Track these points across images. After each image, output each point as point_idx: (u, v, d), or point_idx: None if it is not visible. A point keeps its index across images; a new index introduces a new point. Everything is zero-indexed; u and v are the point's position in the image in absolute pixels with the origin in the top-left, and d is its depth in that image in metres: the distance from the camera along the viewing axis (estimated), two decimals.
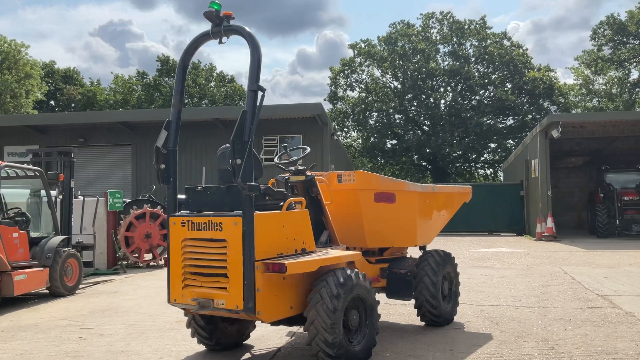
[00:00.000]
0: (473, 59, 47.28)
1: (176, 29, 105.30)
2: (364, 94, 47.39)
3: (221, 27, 4.87)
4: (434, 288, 6.33)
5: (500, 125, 46.35)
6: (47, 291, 9.28)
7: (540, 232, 21.35)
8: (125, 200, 13.95)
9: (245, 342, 5.87)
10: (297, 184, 5.70)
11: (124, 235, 13.01)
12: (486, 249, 17.34)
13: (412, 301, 6.46)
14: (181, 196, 15.19)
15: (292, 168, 5.85)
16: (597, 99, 47.64)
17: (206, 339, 5.45)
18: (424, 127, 46.73)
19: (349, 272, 4.94)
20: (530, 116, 45.37)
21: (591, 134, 23.60)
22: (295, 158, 5.94)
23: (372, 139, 46.23)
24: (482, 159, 48.43)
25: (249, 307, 4.48)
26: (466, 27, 47.81)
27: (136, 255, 13.38)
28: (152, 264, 13.57)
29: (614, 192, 22.34)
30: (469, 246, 18.19)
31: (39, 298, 9.21)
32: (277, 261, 4.60)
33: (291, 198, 5.13)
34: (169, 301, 5.00)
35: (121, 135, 24.86)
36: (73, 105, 53.12)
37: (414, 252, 6.95)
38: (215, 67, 60.40)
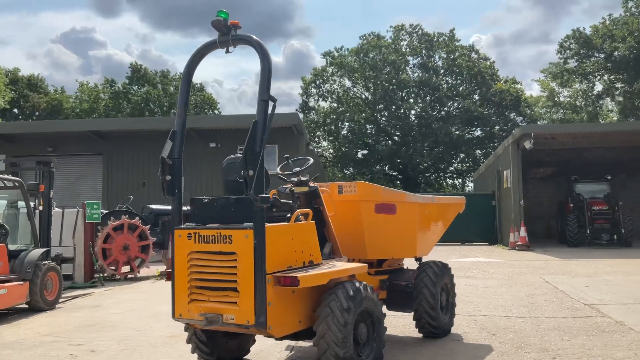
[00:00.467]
0: (442, 70, 48.00)
1: (140, 37, 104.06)
2: (335, 104, 47.58)
3: (229, 36, 4.78)
4: (433, 299, 6.32)
5: (468, 136, 47.10)
6: (26, 306, 8.95)
7: (513, 241, 21.66)
8: (101, 211, 13.61)
9: (246, 357, 5.75)
10: (301, 195, 5.62)
11: (101, 247, 12.68)
12: (463, 258, 17.49)
13: (409, 312, 6.43)
14: (165, 207, 14.71)
15: (295, 179, 5.77)
16: (562, 111, 48.83)
17: (208, 354, 5.30)
18: (395, 137, 47.12)
19: (357, 284, 4.88)
20: (497, 127, 46.23)
21: (561, 145, 24.11)
22: (298, 169, 5.86)
23: (343, 148, 46.38)
24: (451, 169, 49.07)
25: (261, 322, 4.38)
26: (435, 39, 48.55)
27: (113, 267, 13.06)
28: (129, 276, 13.24)
29: (584, 202, 22.84)
30: (445, 256, 18.28)
31: (17, 313, 8.87)
32: (289, 274, 4.51)
33: (298, 210, 5.05)
34: (173, 316, 4.85)
35: (92, 145, 24.33)
36: (37, 113, 51.86)
37: (407, 263, 6.95)
38: None
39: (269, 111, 4.55)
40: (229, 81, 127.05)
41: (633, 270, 13.22)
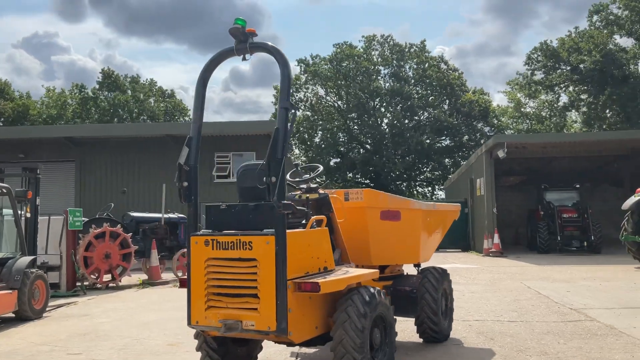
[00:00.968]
0: (412, 80, 48.71)
1: (105, 43, 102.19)
2: (308, 113, 47.74)
3: (246, 44, 4.82)
4: (435, 305, 6.43)
5: (437, 146, 47.84)
6: (13, 315, 8.74)
7: (487, 248, 22.07)
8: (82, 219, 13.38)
9: None
10: (311, 201, 5.67)
11: (82, 255, 12.47)
12: (441, 265, 17.68)
13: (413, 317, 6.53)
14: (146, 214, 14.60)
15: (304, 186, 5.82)
16: (528, 121, 50.01)
17: None
18: (367, 145, 47.52)
19: (372, 290, 4.95)
20: (466, 137, 47.08)
21: (531, 154, 24.71)
22: (307, 176, 5.91)
23: (316, 156, 46.53)
24: (421, 177, 49.71)
25: (282, 328, 4.40)
26: (406, 50, 49.25)
27: (95, 276, 12.85)
28: (111, 285, 13.04)
29: (554, 210, 23.42)
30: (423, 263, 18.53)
31: (4, 322, 8.67)
32: (309, 280, 4.55)
33: (314, 216, 5.10)
34: (189, 324, 4.84)
35: (64, 151, 23.87)
36: (2, 119, 50.55)
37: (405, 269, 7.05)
38: (155, 82, 58.96)
39: (290, 118, 4.58)
40: (194, 88, 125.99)
41: (609, 276, 13.62)
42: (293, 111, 4.60)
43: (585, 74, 38.01)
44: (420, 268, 6.98)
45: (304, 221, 5.06)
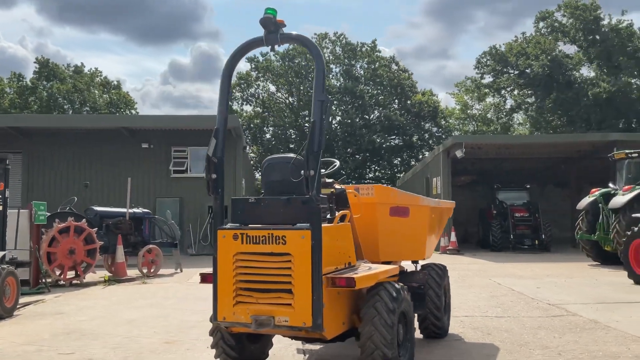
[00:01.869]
0: (363, 79, 49.15)
1: (37, 31, 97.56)
2: (259, 109, 47.38)
3: (277, 34, 4.71)
4: (438, 301, 6.51)
5: (386, 145, 48.48)
6: None
7: (444, 245, 22.53)
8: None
9: None
10: (328, 196, 5.60)
11: (46, 250, 11.89)
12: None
13: (420, 313, 6.56)
14: (110, 209, 14.14)
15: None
16: (473, 123, 51.46)
17: (235, 359, 5.15)
18: None
19: (397, 286, 4.95)
20: (416, 137, 47.94)
21: (486, 154, 25.40)
22: (324, 171, 5.83)
23: (266, 152, 46.24)
24: (370, 176, 50.25)
25: (318, 324, 4.34)
26: (358, 49, 49.63)
27: (58, 272, 12.30)
28: (74, 282, 12.50)
29: (507, 209, 24.18)
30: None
31: None
32: (343, 275, 4.50)
33: (343, 211, 5.04)
34: (216, 319, 4.68)
35: (10, 142, 22.68)
36: None
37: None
38: (100, 72, 57.00)
39: (325, 111, 4.50)
40: (131, 80, 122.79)
41: (569, 273, 14.16)
42: (328, 104, 4.53)
43: (532, 78, 39.43)
44: (417, 264, 7.03)
45: (328, 216, 5.00)
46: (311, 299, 4.33)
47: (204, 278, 4.91)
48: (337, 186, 5.67)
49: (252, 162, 48.21)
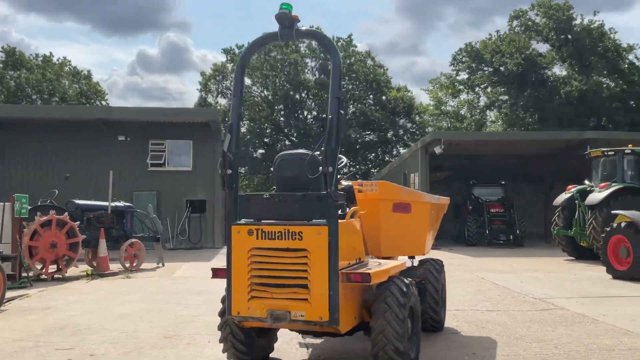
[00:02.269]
0: None
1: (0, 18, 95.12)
2: None
3: (292, 30, 4.71)
4: (437, 295, 6.62)
5: (361, 140, 48.69)
6: None
7: None
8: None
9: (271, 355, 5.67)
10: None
11: (27, 244, 11.67)
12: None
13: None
14: (91, 202, 13.91)
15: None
16: (447, 119, 52.05)
17: (244, 353, 5.16)
18: (293, 138, 47.57)
19: (406, 281, 5.02)
20: (391, 133, 48.28)
21: (463, 151, 25.73)
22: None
23: (241, 146, 46.02)
24: (346, 171, 50.45)
25: (334, 319, 4.38)
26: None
27: (40, 266, 12.08)
28: (56, 276, 12.30)
29: (483, 205, 24.59)
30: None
31: None
32: (357, 271, 4.56)
33: (354, 207, 5.09)
34: (229, 314, 4.68)
35: None
36: None
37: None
38: (69, 61, 55.81)
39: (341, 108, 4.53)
40: (98, 71, 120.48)
41: (547, 267, 14.50)
42: (344, 100, 4.56)
43: (506, 76, 40.06)
44: (413, 259, 7.12)
45: (340, 212, 5.03)
46: (328, 294, 4.37)
47: (216, 273, 4.91)
48: (344, 182, 5.72)
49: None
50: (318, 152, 4.56)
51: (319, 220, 4.49)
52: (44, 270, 12.10)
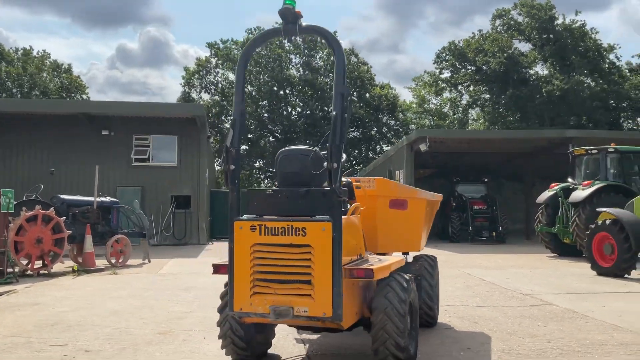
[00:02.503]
0: (323, 71, 49.20)
1: None
2: (217, 97, 46.78)
3: (296, 25, 4.70)
4: (432, 290, 6.69)
5: (348, 136, 48.81)
6: None
7: None
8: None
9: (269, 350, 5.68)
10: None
11: (13, 239, 11.50)
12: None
13: None
14: (77, 197, 13.74)
15: None
16: (430, 117, 52.38)
17: (243, 349, 5.16)
18: (276, 134, 47.46)
19: (407, 276, 5.06)
20: (375, 130, 48.42)
21: (447, 149, 25.90)
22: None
23: (224, 142, 45.77)
24: (348, 165, 50.53)
25: (338, 314, 4.40)
26: (318, 40, 49.58)
27: (25, 262, 11.92)
28: (42, 272, 12.15)
29: (466, 202, 24.80)
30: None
31: None
32: (360, 267, 4.58)
33: (355, 203, 5.11)
34: (232, 310, 4.67)
35: None
36: None
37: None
38: (49, 54, 54.99)
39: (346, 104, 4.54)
40: (77, 64, 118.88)
41: (531, 264, 14.69)
42: (349, 96, 4.57)
43: (489, 74, 40.42)
44: (407, 255, 7.17)
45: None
46: (331, 290, 4.38)
47: (217, 269, 4.89)
48: (343, 179, 5.72)
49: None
50: (318, 148, 4.57)
51: (323, 217, 4.50)
52: (29, 266, 11.95)
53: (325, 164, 4.42)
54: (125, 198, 19.37)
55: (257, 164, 47.03)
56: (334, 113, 4.47)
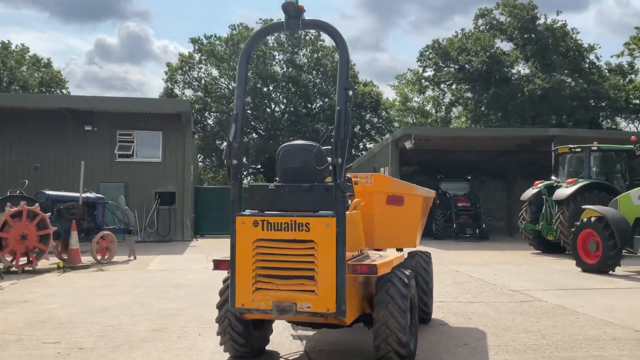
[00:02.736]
0: (306, 68, 49.14)
1: None
2: (200, 93, 46.46)
3: (299, 20, 4.68)
4: (426, 286, 6.72)
5: (328, 134, 48.64)
6: None
7: None
8: None
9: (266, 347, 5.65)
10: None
11: None
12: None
13: None
14: (62, 193, 13.60)
15: None
16: (413, 115, 52.63)
17: (242, 346, 5.13)
18: (260, 131, 47.29)
19: (407, 272, 5.07)
20: (358, 127, 48.46)
21: (432, 146, 26.05)
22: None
23: (207, 139, 45.50)
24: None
25: (342, 310, 4.39)
26: (302, 37, 49.51)
27: (10, 258, 11.73)
28: (27, 268, 11.96)
29: (450, 199, 24.98)
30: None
31: None
32: (363, 262, 4.58)
33: (356, 199, 5.10)
34: (233, 306, 4.64)
35: None
36: None
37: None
38: (28, 48, 54.08)
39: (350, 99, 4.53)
40: (55, 59, 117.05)
41: (517, 261, 14.85)
42: (352, 92, 4.56)
43: (472, 73, 40.73)
44: (401, 252, 7.19)
45: None
46: (335, 285, 4.37)
47: (218, 265, 4.85)
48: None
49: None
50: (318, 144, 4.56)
51: (327, 212, 4.49)
52: (14, 263, 11.75)
53: (329, 159, 4.40)
54: (109, 194, 19.11)
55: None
56: (338, 108, 4.45)
